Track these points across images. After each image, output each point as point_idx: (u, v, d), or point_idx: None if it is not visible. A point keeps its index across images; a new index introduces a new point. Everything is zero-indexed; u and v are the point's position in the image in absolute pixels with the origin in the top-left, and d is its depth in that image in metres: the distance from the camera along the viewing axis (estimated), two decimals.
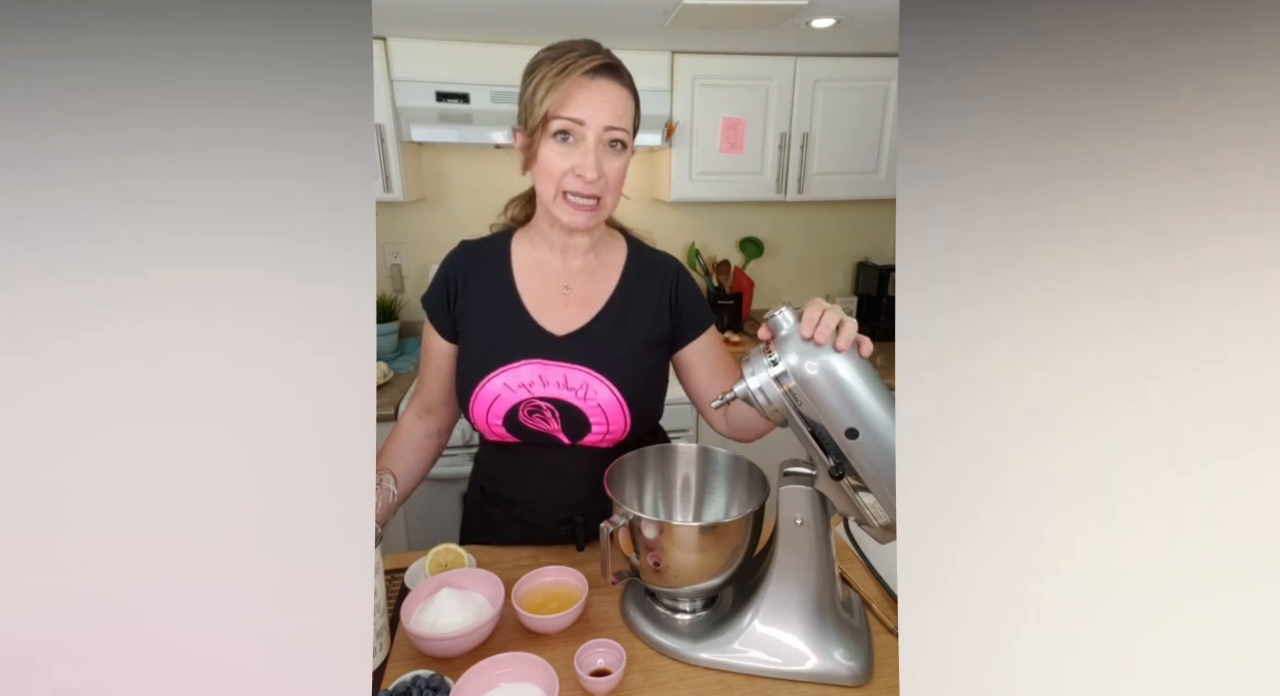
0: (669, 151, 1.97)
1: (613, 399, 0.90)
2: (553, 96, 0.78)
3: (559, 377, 0.89)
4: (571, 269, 0.93)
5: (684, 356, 0.97)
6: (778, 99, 1.94)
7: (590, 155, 0.80)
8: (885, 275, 2.33)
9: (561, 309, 0.92)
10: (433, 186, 2.16)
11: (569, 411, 0.90)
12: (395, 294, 2.20)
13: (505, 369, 0.89)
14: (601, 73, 0.81)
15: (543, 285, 0.93)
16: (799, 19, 1.58)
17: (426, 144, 2.03)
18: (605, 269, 0.95)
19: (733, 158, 1.99)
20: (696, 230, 2.34)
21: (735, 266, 2.32)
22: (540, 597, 0.81)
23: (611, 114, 0.81)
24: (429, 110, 1.76)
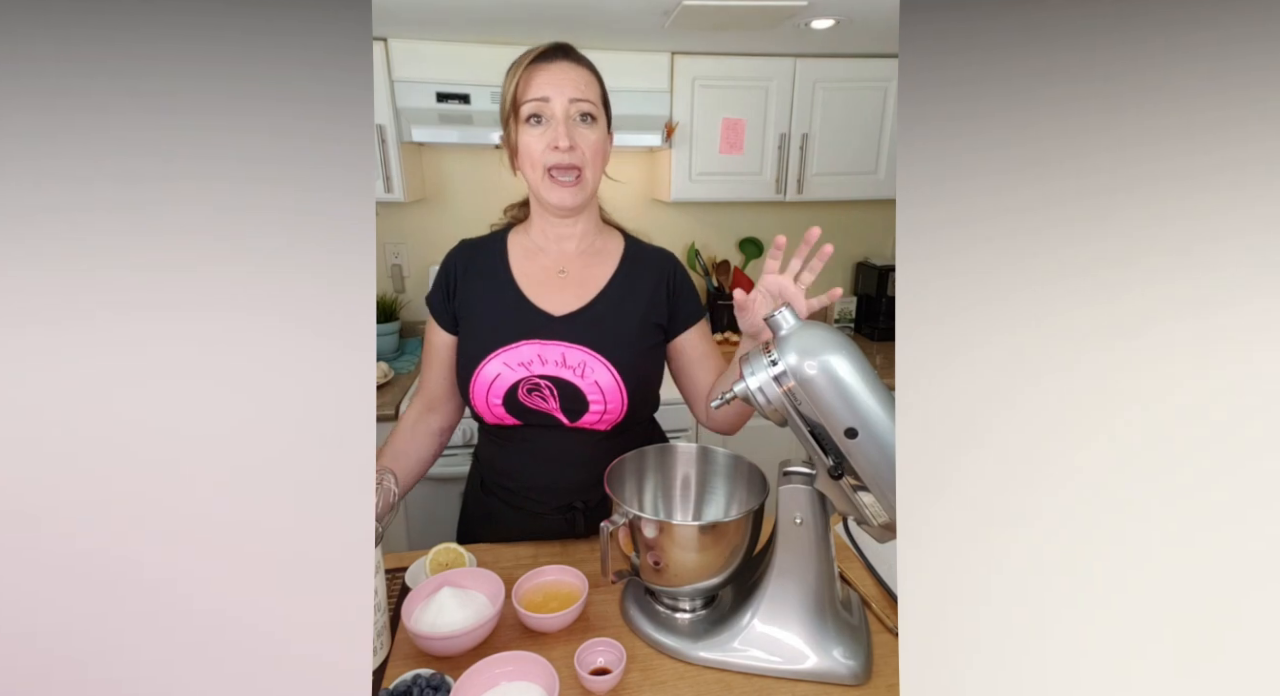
0: (669, 152, 1.97)
1: (610, 378, 0.91)
2: (517, 85, 0.86)
3: (557, 356, 0.91)
4: (567, 253, 0.96)
5: (675, 347, 1.00)
6: (777, 99, 1.94)
7: (561, 126, 0.85)
8: (885, 275, 2.33)
9: (559, 292, 0.95)
10: (433, 187, 2.16)
11: (567, 389, 0.91)
12: (395, 294, 2.20)
13: (504, 349, 0.91)
14: (555, 55, 0.87)
15: (539, 270, 0.96)
16: (798, 20, 1.58)
17: (427, 144, 2.03)
18: (602, 256, 0.98)
19: (732, 158, 1.99)
20: (696, 230, 2.34)
21: (735, 266, 2.32)
22: (540, 597, 0.81)
23: (573, 88, 0.86)
24: (429, 111, 1.76)
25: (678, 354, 1.01)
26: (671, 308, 0.98)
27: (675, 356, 1.01)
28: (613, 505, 0.75)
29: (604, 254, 0.98)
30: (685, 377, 1.02)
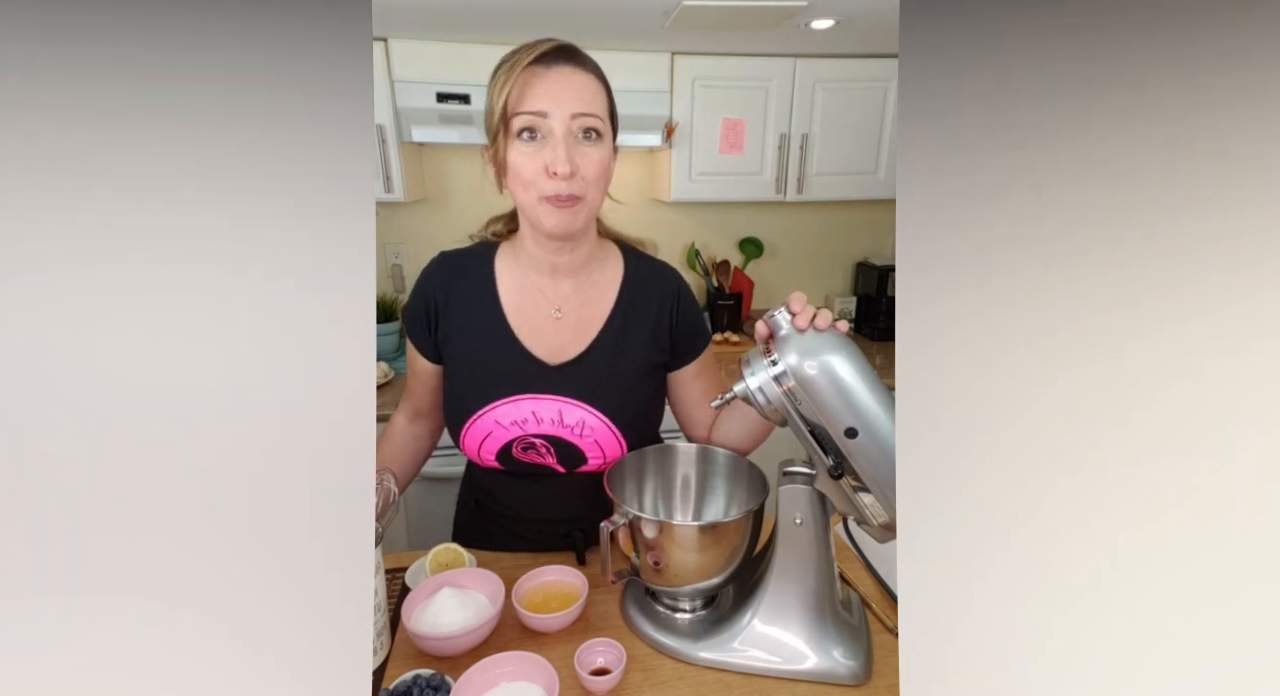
0: (669, 152, 1.97)
1: (609, 434, 0.87)
2: (509, 92, 0.72)
3: (553, 414, 0.85)
4: (563, 291, 0.87)
5: (674, 379, 0.94)
6: (777, 100, 1.94)
7: (560, 147, 0.71)
8: (885, 275, 2.33)
9: (554, 335, 0.86)
10: (433, 187, 2.16)
11: (565, 447, 0.88)
12: (395, 294, 2.20)
13: (498, 404, 0.85)
14: (557, 58, 0.73)
15: (532, 308, 0.86)
16: (798, 20, 1.58)
17: (427, 145, 2.03)
18: (599, 289, 0.88)
19: (732, 158, 1.99)
20: (696, 230, 2.34)
21: (735, 267, 2.32)
22: (541, 597, 0.81)
23: (576, 100, 0.72)
24: (430, 111, 1.76)
25: (677, 386, 0.94)
26: (675, 340, 0.91)
27: (674, 387, 0.94)
28: (613, 505, 0.75)
29: (600, 286, 0.88)
30: (685, 407, 0.96)
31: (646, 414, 0.91)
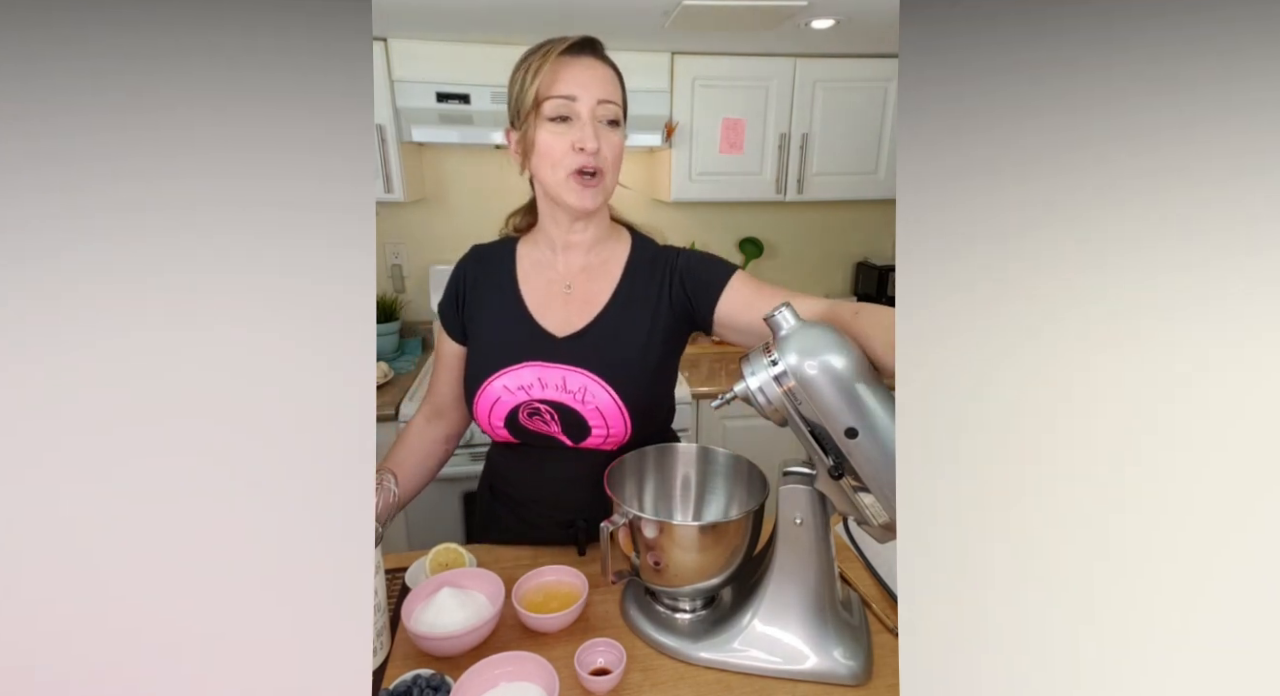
0: (669, 152, 1.97)
1: (611, 403, 0.89)
2: (540, 79, 0.80)
3: (558, 380, 0.89)
4: (573, 268, 0.94)
5: (722, 310, 0.88)
6: (777, 99, 1.94)
7: (588, 127, 0.81)
8: (885, 275, 2.33)
9: (562, 309, 0.92)
10: (433, 187, 2.16)
11: (568, 414, 0.90)
12: (395, 294, 2.20)
13: (506, 371, 0.90)
14: (583, 50, 0.83)
15: (545, 285, 0.94)
16: (798, 20, 1.58)
17: (427, 144, 2.03)
18: (606, 267, 0.94)
19: (732, 158, 1.99)
20: (696, 230, 2.34)
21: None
22: (541, 597, 0.81)
23: (601, 88, 0.82)
24: (429, 111, 1.76)
25: (729, 316, 0.88)
26: (690, 294, 0.90)
27: (731, 319, 0.88)
28: (613, 505, 0.75)
29: (608, 264, 0.94)
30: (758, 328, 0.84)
31: (653, 394, 0.93)
